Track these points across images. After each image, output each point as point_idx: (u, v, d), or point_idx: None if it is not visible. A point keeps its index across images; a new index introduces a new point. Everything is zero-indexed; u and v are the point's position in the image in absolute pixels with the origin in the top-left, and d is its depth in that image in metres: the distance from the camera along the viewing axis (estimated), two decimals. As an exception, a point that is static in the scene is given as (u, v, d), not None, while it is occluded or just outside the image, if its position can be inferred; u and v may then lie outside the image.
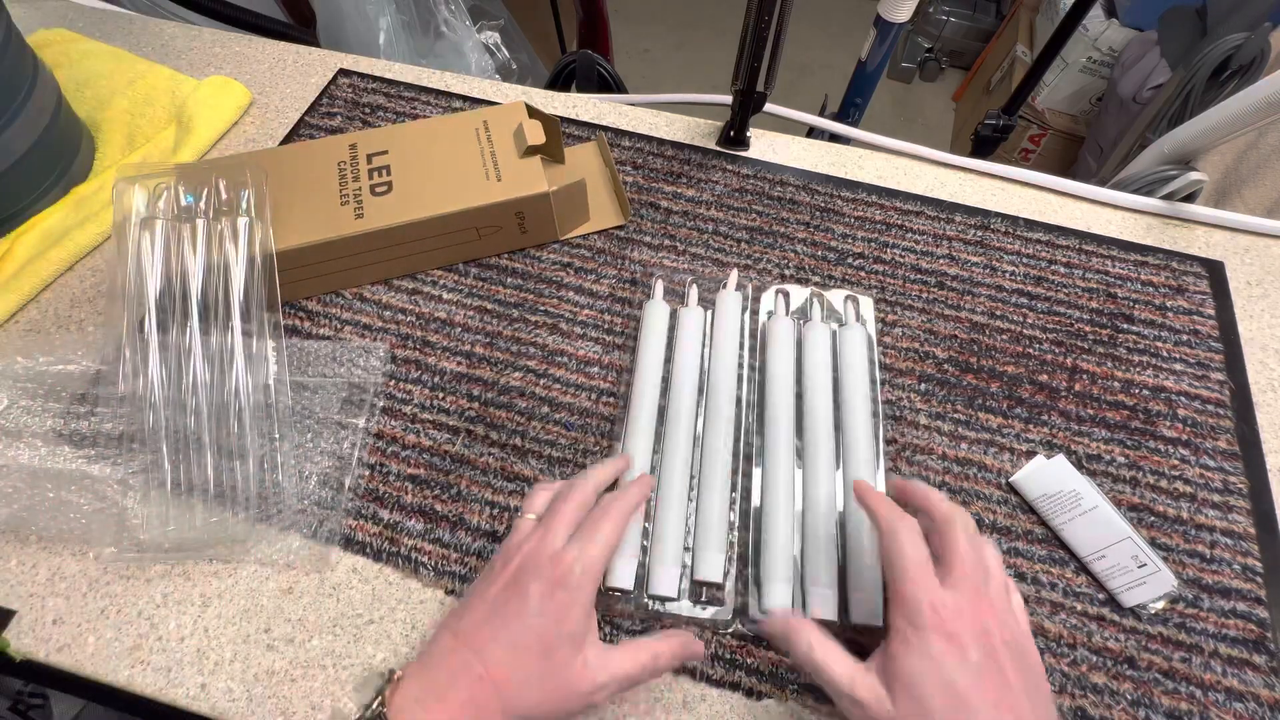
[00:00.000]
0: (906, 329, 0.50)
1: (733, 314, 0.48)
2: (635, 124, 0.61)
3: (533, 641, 0.29)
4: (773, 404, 0.44)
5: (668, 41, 2.01)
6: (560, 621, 0.29)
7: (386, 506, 0.42)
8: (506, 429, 0.45)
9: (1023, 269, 0.53)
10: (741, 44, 0.50)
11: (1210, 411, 0.47)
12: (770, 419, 0.44)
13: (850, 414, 0.44)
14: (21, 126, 0.49)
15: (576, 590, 0.30)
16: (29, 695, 0.59)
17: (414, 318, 0.50)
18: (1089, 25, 1.36)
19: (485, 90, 0.64)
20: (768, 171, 0.58)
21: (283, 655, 0.38)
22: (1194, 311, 0.51)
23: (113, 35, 0.67)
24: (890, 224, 0.55)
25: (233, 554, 0.40)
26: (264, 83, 0.64)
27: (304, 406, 0.45)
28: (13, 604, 0.39)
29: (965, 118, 1.80)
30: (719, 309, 0.48)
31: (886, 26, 0.82)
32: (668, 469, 0.42)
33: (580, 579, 0.30)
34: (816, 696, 0.37)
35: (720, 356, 0.46)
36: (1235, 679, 0.38)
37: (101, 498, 0.40)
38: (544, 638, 0.29)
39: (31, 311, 0.50)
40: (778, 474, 0.42)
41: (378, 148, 0.51)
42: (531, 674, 0.28)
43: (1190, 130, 0.54)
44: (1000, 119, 1.15)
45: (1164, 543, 0.42)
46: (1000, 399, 0.47)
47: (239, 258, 0.44)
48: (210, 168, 0.47)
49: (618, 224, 0.55)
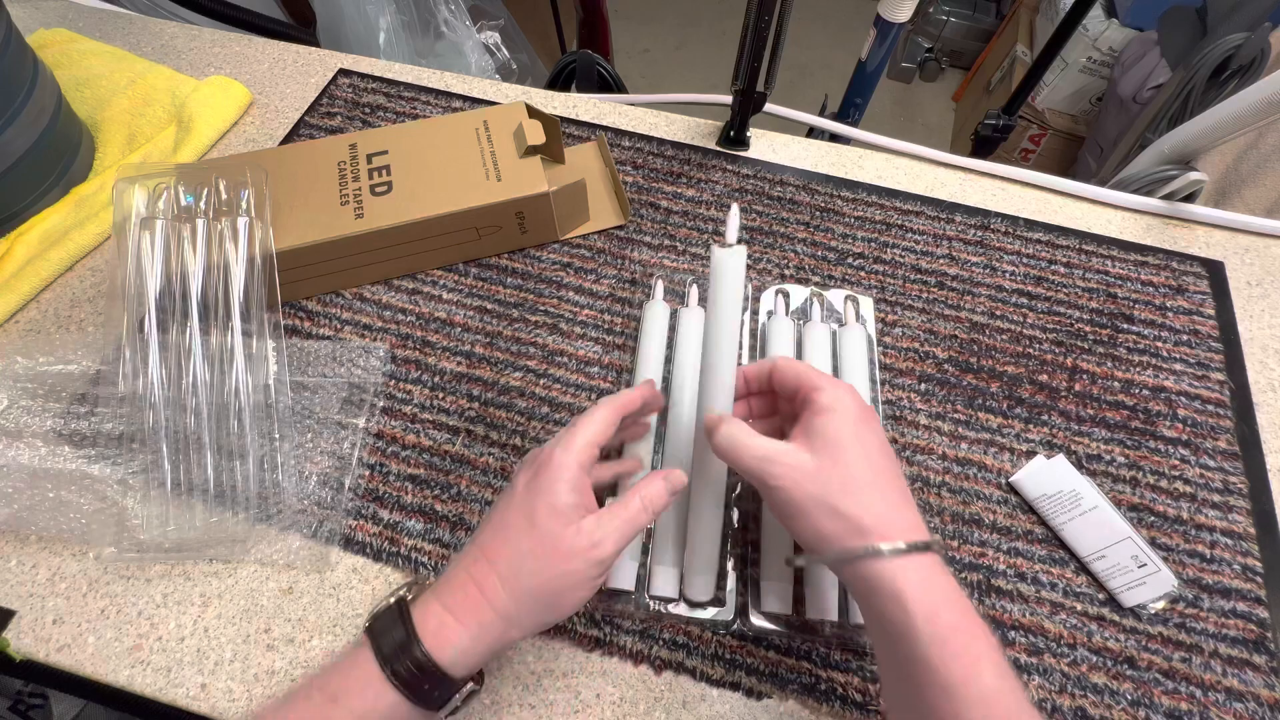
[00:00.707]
0: (906, 329, 0.50)
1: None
2: (635, 124, 0.61)
3: (519, 519, 0.31)
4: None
5: (668, 41, 2.01)
6: (543, 495, 0.30)
7: (386, 506, 0.42)
8: (506, 429, 0.45)
9: (1023, 269, 0.53)
10: (741, 44, 0.50)
11: (1210, 411, 0.47)
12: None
13: (850, 414, 0.44)
14: (21, 126, 0.49)
15: (558, 468, 0.31)
16: (29, 695, 0.60)
17: (414, 318, 0.50)
18: (1089, 25, 1.36)
19: (485, 90, 0.64)
20: (768, 171, 0.58)
21: (283, 655, 0.38)
22: (1194, 311, 0.51)
23: (113, 35, 0.67)
24: (890, 224, 0.55)
25: (233, 554, 0.40)
26: (264, 83, 0.64)
27: (304, 406, 0.45)
28: (13, 604, 0.39)
29: (965, 118, 1.80)
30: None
31: (886, 26, 0.82)
32: (668, 469, 0.42)
33: (561, 458, 0.31)
34: (817, 697, 0.37)
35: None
36: (1235, 679, 0.38)
37: (101, 498, 0.40)
38: (529, 514, 0.30)
39: (31, 311, 0.50)
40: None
41: (378, 148, 0.51)
42: (522, 546, 0.30)
43: (1190, 130, 0.54)
44: (1000, 119, 1.15)
45: (1164, 543, 0.42)
46: (1000, 399, 0.47)
47: (239, 258, 0.44)
48: (210, 168, 0.47)
49: (618, 224, 0.55)
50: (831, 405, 0.31)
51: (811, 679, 0.37)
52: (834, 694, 0.37)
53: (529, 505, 0.31)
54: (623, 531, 0.31)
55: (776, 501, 0.30)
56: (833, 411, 0.30)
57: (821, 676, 0.38)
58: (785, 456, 0.30)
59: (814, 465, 0.29)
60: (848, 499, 0.29)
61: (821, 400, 0.31)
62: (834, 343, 0.48)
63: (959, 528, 0.42)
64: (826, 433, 0.30)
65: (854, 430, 0.30)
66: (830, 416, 0.30)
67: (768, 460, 0.30)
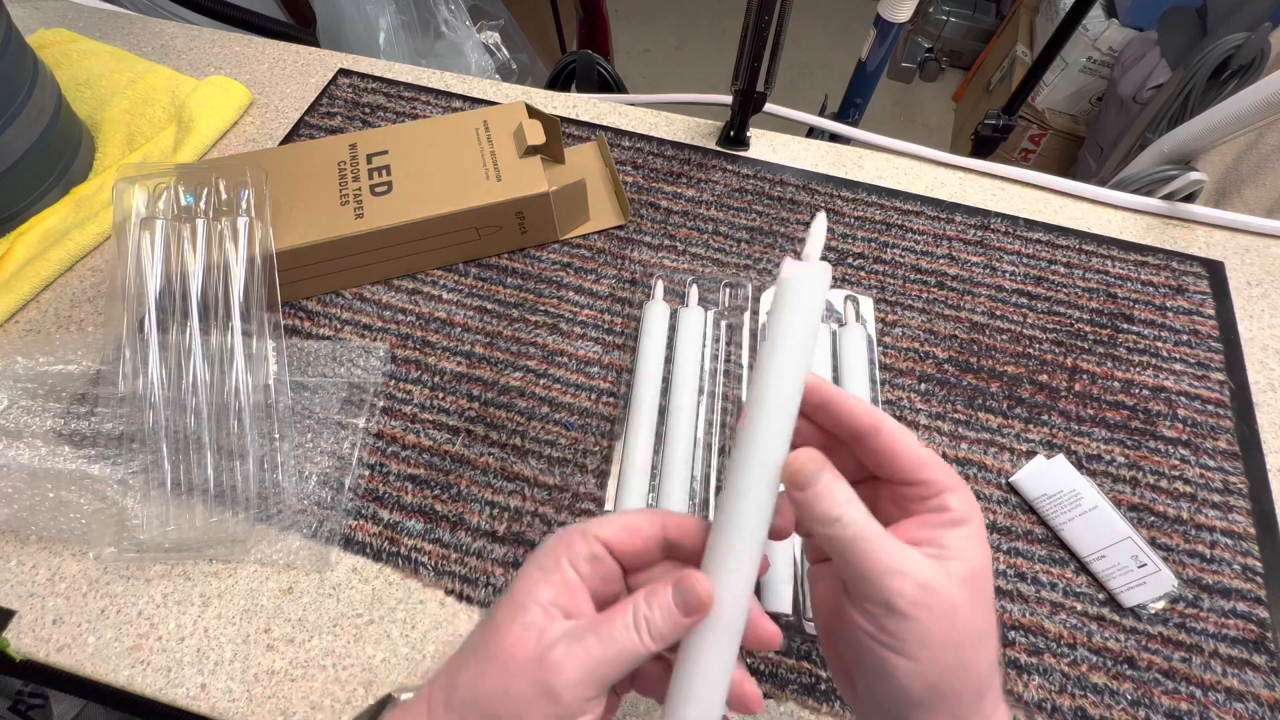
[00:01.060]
0: (906, 329, 0.50)
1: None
2: (635, 124, 0.61)
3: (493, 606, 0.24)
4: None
5: (668, 41, 2.01)
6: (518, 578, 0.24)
7: (386, 506, 0.42)
8: (506, 429, 0.45)
9: (1023, 269, 0.53)
10: (741, 44, 0.50)
11: (1210, 411, 0.47)
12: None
13: (850, 414, 0.44)
14: (21, 126, 0.49)
15: (548, 544, 0.24)
16: (29, 695, 0.60)
17: (414, 318, 0.50)
18: (1089, 25, 1.36)
19: (485, 90, 0.64)
20: (768, 171, 0.58)
21: (283, 655, 0.38)
22: (1194, 311, 0.51)
23: (113, 35, 0.67)
24: (890, 224, 0.55)
25: (233, 554, 0.40)
26: (264, 83, 0.64)
27: (304, 406, 0.45)
28: (13, 604, 0.39)
29: (965, 118, 1.80)
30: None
31: (886, 26, 0.82)
32: (668, 469, 0.42)
33: (563, 533, 0.24)
34: (817, 697, 0.37)
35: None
36: (1235, 679, 0.38)
37: (101, 498, 0.40)
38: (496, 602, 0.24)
39: (31, 311, 0.50)
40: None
41: (378, 148, 0.51)
42: (472, 641, 0.23)
43: (1190, 130, 0.54)
44: (1000, 119, 1.15)
45: (1164, 543, 0.42)
46: (1000, 399, 0.47)
47: (239, 258, 0.44)
48: (210, 168, 0.47)
49: (618, 224, 0.55)
50: (968, 517, 0.22)
51: (811, 679, 0.38)
52: (834, 694, 0.37)
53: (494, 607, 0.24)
54: (592, 655, 0.21)
55: (891, 631, 0.21)
56: (969, 525, 0.22)
57: (821, 676, 0.38)
58: (938, 584, 0.21)
59: (960, 601, 0.21)
60: (981, 651, 0.21)
61: (959, 508, 0.22)
62: (834, 343, 0.48)
63: (959, 528, 0.42)
64: (967, 556, 0.22)
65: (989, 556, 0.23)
66: (970, 532, 0.22)
67: (907, 579, 0.21)
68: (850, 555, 0.21)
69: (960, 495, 0.23)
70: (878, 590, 0.21)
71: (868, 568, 0.21)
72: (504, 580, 0.40)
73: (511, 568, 0.41)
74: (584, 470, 0.44)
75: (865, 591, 0.21)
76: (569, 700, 0.21)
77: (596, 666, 0.21)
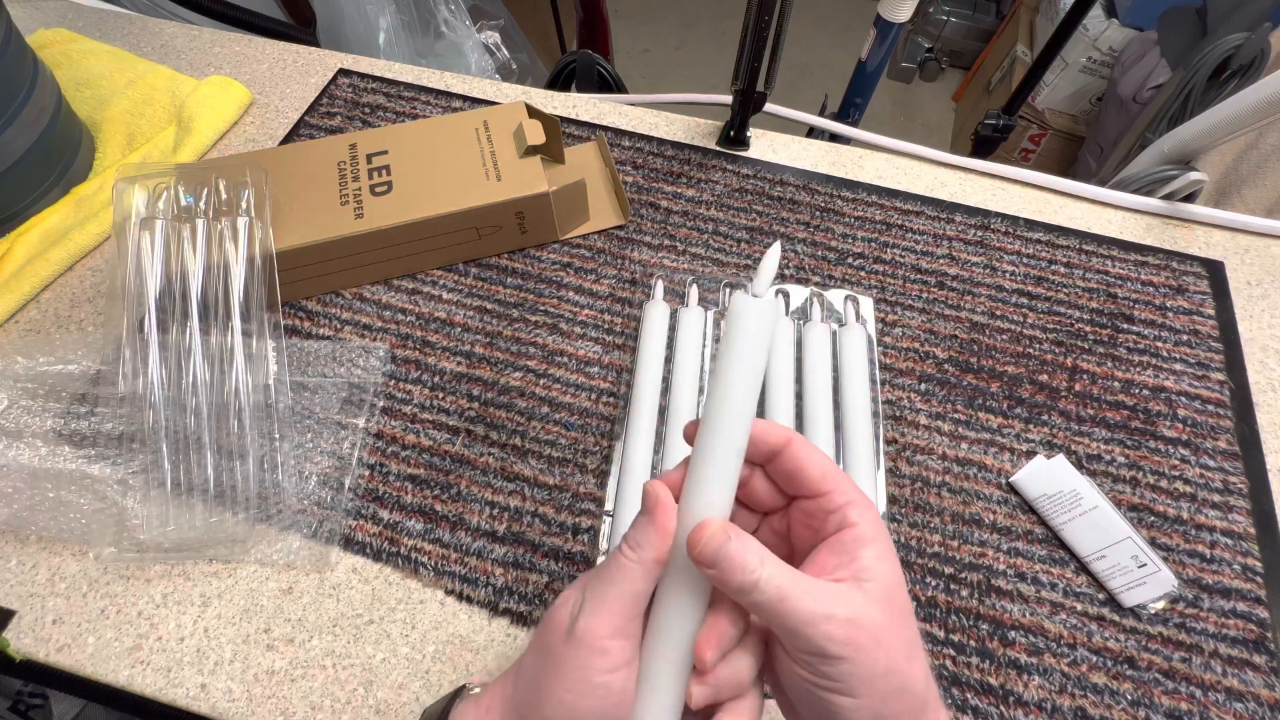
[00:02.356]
0: (906, 329, 0.50)
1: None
2: (635, 124, 0.61)
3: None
4: (773, 404, 0.44)
5: (668, 41, 2.01)
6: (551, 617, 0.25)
7: (386, 506, 0.42)
8: (506, 429, 0.45)
9: (1023, 269, 0.53)
10: (741, 44, 0.50)
11: (1210, 411, 0.47)
12: (770, 419, 0.44)
13: (850, 414, 0.44)
14: (21, 126, 0.49)
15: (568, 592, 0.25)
16: (29, 695, 0.59)
17: (414, 318, 0.50)
18: (1089, 25, 1.36)
19: (485, 90, 0.64)
20: (768, 171, 0.58)
21: (283, 655, 0.38)
22: (1194, 311, 0.51)
23: (113, 35, 0.67)
24: (890, 224, 0.55)
25: (233, 554, 0.40)
26: (264, 83, 0.64)
27: (304, 406, 0.45)
28: (13, 604, 0.39)
29: (965, 118, 1.80)
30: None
31: (886, 26, 0.82)
32: (668, 469, 0.42)
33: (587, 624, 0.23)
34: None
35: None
36: (1235, 679, 0.38)
37: (101, 498, 0.40)
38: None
39: (31, 311, 0.50)
40: (778, 474, 0.42)
41: (378, 148, 0.51)
42: (528, 653, 0.25)
43: (1190, 130, 0.54)
44: (1000, 119, 1.15)
45: (1164, 543, 0.42)
46: (1000, 399, 0.47)
47: (239, 258, 0.44)
48: (210, 168, 0.47)
49: (618, 224, 0.55)
50: (875, 534, 0.23)
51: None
52: (834, 694, 0.37)
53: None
54: (614, 623, 0.22)
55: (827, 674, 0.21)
56: (877, 542, 0.23)
57: (821, 676, 0.38)
58: (862, 614, 0.21)
59: (884, 625, 0.21)
60: (913, 667, 0.22)
61: (862, 524, 0.23)
62: (834, 343, 0.48)
63: (959, 528, 0.42)
64: (881, 575, 0.22)
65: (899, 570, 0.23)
66: (877, 548, 0.22)
67: (834, 621, 0.20)
68: (775, 615, 0.21)
69: (861, 509, 0.23)
70: (808, 641, 0.21)
71: (795, 623, 0.21)
72: (504, 580, 0.40)
73: (512, 567, 0.41)
74: (584, 470, 0.44)
75: (797, 644, 0.21)
76: (612, 648, 0.22)
77: (612, 604, 0.22)
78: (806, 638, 0.21)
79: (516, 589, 0.40)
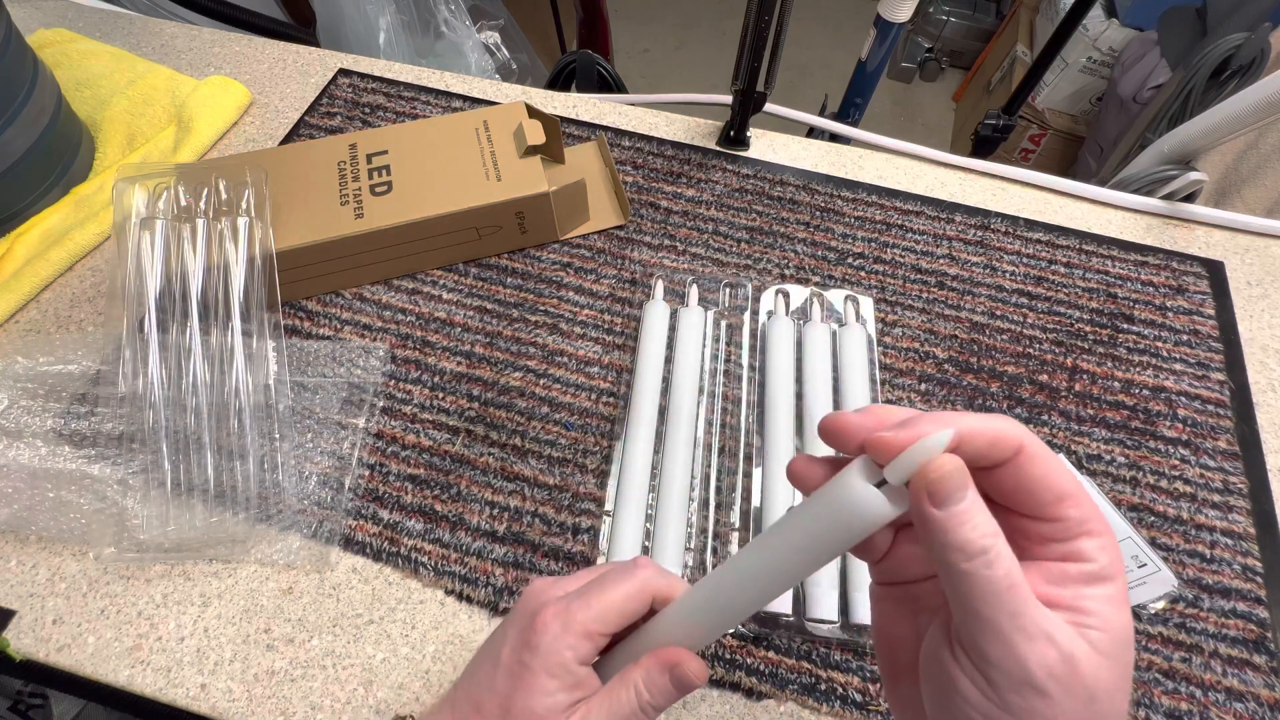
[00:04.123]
0: (906, 329, 0.50)
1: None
2: (635, 124, 0.61)
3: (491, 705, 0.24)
4: (773, 404, 0.44)
5: (668, 41, 2.01)
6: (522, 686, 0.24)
7: (386, 506, 0.42)
8: (506, 429, 0.45)
9: (1023, 269, 0.53)
10: (741, 44, 0.50)
11: (1210, 411, 0.47)
12: (770, 419, 0.44)
13: (850, 414, 0.44)
14: (21, 126, 0.49)
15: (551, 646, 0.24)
16: (29, 695, 0.59)
17: (414, 318, 0.50)
18: (1089, 25, 1.36)
19: (485, 90, 0.64)
20: (768, 171, 0.58)
21: (283, 655, 0.38)
22: (1194, 311, 0.51)
23: (113, 35, 0.67)
24: (890, 224, 0.55)
25: (233, 554, 0.40)
26: (264, 83, 0.64)
27: (304, 406, 0.45)
28: (13, 604, 0.39)
29: (965, 118, 1.80)
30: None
31: (886, 26, 0.82)
32: (668, 469, 0.42)
33: (557, 629, 0.24)
34: (816, 697, 0.37)
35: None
36: (1235, 679, 0.38)
37: (101, 498, 0.40)
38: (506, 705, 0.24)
39: (31, 311, 0.50)
40: (777, 475, 0.42)
41: (378, 148, 0.51)
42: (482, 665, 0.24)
43: (1190, 130, 0.54)
44: (1000, 119, 1.15)
45: (1164, 543, 0.42)
46: (1000, 399, 0.47)
47: (239, 258, 0.44)
48: (210, 168, 0.47)
49: (618, 224, 0.55)
50: (1113, 573, 0.18)
51: (811, 679, 0.37)
52: (834, 694, 0.37)
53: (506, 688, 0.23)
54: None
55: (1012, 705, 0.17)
56: (1113, 583, 0.18)
57: (821, 676, 0.38)
58: (1081, 659, 0.17)
59: (1104, 683, 0.17)
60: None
61: (1100, 560, 0.18)
62: (834, 343, 0.48)
63: (959, 528, 0.42)
64: (1114, 627, 0.18)
65: (1131, 624, 0.18)
66: (1113, 593, 0.18)
67: (1055, 646, 0.17)
68: (987, 604, 0.17)
69: (1103, 542, 0.18)
70: (1013, 655, 0.17)
71: (1009, 625, 0.17)
72: (504, 580, 0.40)
73: (512, 567, 0.41)
74: (584, 470, 0.44)
75: (992, 653, 0.17)
76: None
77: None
78: (1014, 651, 0.17)
79: (516, 589, 0.40)
